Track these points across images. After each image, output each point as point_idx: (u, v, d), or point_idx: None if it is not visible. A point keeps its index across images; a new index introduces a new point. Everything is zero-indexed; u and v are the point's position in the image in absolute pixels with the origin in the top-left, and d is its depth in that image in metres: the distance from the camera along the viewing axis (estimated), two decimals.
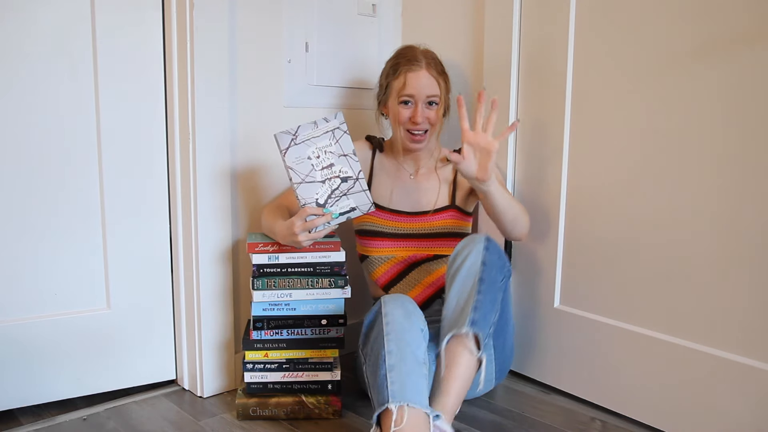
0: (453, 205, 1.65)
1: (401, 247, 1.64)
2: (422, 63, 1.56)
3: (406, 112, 1.57)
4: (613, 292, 1.51)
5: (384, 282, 1.65)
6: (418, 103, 1.56)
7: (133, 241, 1.56)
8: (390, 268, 1.64)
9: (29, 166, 1.43)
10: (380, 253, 1.65)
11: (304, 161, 1.36)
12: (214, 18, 1.51)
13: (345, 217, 1.39)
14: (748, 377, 1.28)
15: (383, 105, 1.65)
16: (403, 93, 1.56)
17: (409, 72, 1.56)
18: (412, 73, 1.56)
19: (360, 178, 1.39)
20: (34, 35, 1.39)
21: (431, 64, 1.58)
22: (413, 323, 1.30)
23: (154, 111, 1.56)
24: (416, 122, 1.56)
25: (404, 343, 1.26)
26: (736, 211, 1.28)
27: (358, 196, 1.39)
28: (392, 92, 1.59)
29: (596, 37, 1.49)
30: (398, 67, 1.58)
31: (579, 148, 1.55)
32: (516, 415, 1.52)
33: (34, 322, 1.47)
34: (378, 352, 1.26)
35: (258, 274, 1.46)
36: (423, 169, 1.68)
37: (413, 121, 1.56)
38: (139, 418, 1.49)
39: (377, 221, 1.64)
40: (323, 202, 1.37)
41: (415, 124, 1.57)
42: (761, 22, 1.21)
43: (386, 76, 1.62)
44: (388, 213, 1.64)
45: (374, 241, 1.64)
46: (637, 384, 1.46)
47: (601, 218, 1.51)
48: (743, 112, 1.25)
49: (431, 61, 1.58)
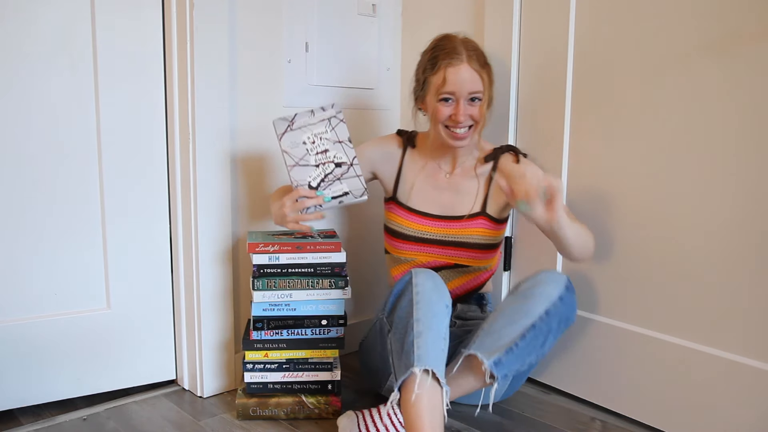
0: (484, 212, 1.53)
1: (424, 252, 1.55)
2: (463, 56, 1.42)
3: (446, 110, 1.44)
4: (612, 292, 1.51)
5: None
6: (459, 100, 1.43)
7: (133, 241, 1.56)
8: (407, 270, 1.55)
9: (29, 165, 1.43)
10: (401, 254, 1.58)
11: (299, 146, 1.38)
12: (214, 18, 1.51)
13: (338, 201, 1.39)
14: (748, 377, 1.28)
15: (420, 101, 1.53)
16: (443, 90, 1.43)
17: (449, 67, 1.42)
18: (452, 68, 1.42)
19: (354, 164, 1.39)
20: (35, 35, 1.39)
21: (473, 56, 1.44)
22: (441, 297, 1.31)
23: (154, 111, 1.56)
24: (458, 121, 1.43)
25: (431, 314, 1.27)
26: (740, 212, 1.28)
27: (351, 181, 1.39)
28: (430, 88, 1.46)
29: (596, 37, 1.49)
30: (437, 60, 1.44)
31: (580, 148, 1.55)
32: (516, 415, 1.53)
33: (34, 322, 1.47)
34: (407, 320, 1.27)
35: (258, 274, 1.46)
36: (460, 168, 1.56)
37: (455, 119, 1.44)
38: (139, 418, 1.49)
39: (401, 221, 1.56)
40: (316, 185, 1.39)
41: (457, 123, 1.44)
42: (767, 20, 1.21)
43: (423, 71, 1.49)
44: (414, 215, 1.55)
45: (397, 242, 1.57)
46: (637, 384, 1.47)
47: (600, 219, 1.51)
48: (749, 112, 1.25)
49: (472, 52, 1.44)
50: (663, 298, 1.41)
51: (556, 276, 1.39)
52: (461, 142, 1.47)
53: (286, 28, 1.68)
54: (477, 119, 1.46)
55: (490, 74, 1.48)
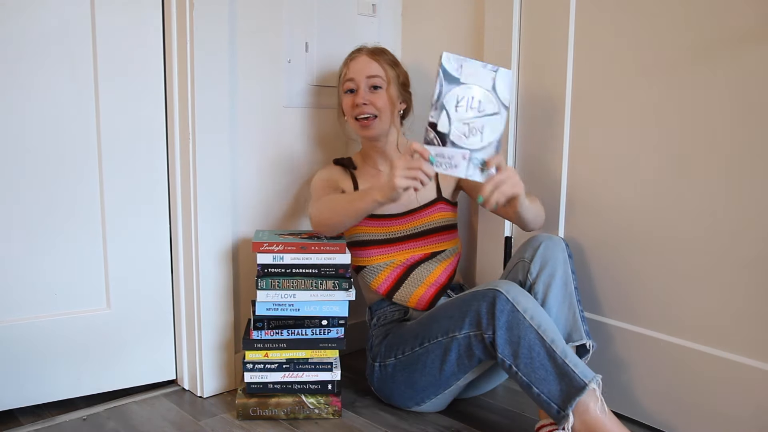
0: (440, 197, 1.62)
1: (398, 251, 1.59)
2: (363, 50, 1.57)
3: (349, 99, 1.56)
4: (612, 292, 1.51)
5: (386, 289, 1.59)
6: (359, 86, 1.54)
7: (133, 241, 1.56)
8: (389, 274, 1.59)
9: (29, 165, 1.42)
10: (377, 261, 1.59)
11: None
12: (214, 18, 1.51)
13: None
14: (748, 377, 1.28)
15: (341, 109, 1.63)
16: (344, 79, 1.56)
17: (350, 60, 1.57)
18: (352, 61, 1.57)
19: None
20: (35, 35, 1.39)
21: (376, 52, 1.57)
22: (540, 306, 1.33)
23: (154, 111, 1.56)
24: (357, 103, 1.53)
25: (554, 327, 1.29)
26: (740, 212, 1.28)
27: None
28: (339, 86, 1.60)
29: (596, 37, 1.49)
30: (343, 62, 1.60)
31: (580, 148, 1.55)
32: (516, 415, 1.53)
33: (34, 322, 1.47)
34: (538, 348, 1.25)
35: (262, 273, 1.46)
36: None
37: (355, 103, 1.53)
38: (139, 418, 1.49)
39: (368, 230, 1.58)
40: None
41: (357, 107, 1.53)
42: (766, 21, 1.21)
43: (339, 78, 1.62)
44: (377, 220, 1.58)
45: (369, 251, 1.59)
46: (637, 384, 1.47)
47: (600, 219, 1.52)
48: (750, 112, 1.26)
49: (376, 50, 1.58)
50: (663, 298, 1.42)
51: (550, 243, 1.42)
52: (367, 131, 1.55)
53: (286, 28, 1.68)
54: (380, 107, 1.53)
55: (397, 71, 1.58)
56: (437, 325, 1.40)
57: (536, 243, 1.42)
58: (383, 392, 1.53)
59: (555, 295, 1.39)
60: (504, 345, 1.28)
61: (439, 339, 1.39)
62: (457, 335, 1.35)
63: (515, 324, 1.27)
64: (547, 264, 1.40)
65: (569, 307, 1.39)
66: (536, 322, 1.27)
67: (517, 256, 1.47)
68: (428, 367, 1.42)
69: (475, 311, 1.32)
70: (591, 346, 1.39)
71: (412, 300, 1.56)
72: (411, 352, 1.44)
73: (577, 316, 1.39)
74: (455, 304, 1.39)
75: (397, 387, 1.49)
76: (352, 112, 1.56)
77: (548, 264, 1.40)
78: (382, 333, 1.56)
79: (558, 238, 1.44)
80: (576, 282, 1.42)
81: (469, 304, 1.34)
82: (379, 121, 1.55)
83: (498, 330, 1.28)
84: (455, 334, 1.35)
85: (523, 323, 1.27)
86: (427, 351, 1.41)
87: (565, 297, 1.39)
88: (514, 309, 1.28)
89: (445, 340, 1.37)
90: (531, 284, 1.41)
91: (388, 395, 1.52)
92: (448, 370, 1.40)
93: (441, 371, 1.40)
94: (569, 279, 1.40)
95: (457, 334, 1.35)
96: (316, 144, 1.80)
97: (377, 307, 1.63)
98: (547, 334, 1.26)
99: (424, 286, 1.57)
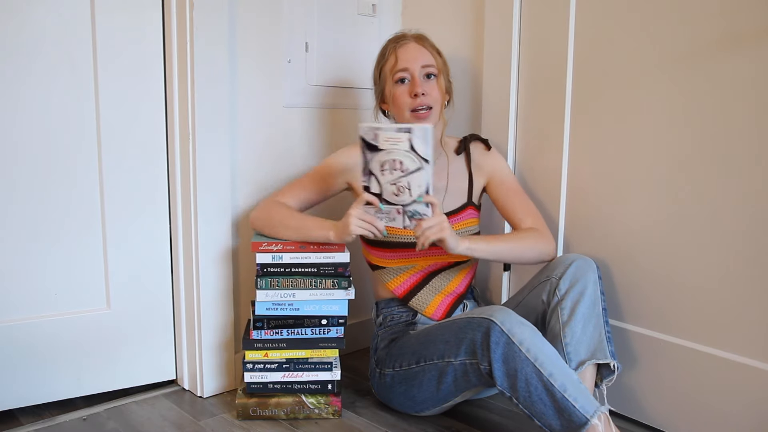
0: (470, 202, 1.55)
1: (422, 256, 1.50)
2: (409, 36, 1.48)
3: (404, 88, 1.45)
4: (612, 292, 1.51)
5: (403, 292, 1.53)
6: (414, 75, 1.44)
7: (133, 241, 1.56)
8: (408, 278, 1.53)
9: (29, 166, 1.42)
10: (399, 264, 1.52)
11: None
12: (214, 18, 1.51)
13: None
14: (748, 377, 1.28)
15: (381, 100, 1.54)
16: (396, 69, 1.45)
17: (399, 48, 1.46)
18: (401, 48, 1.46)
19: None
20: (35, 35, 1.39)
21: (422, 38, 1.49)
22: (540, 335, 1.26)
23: (154, 111, 1.56)
24: (416, 94, 1.42)
25: (553, 359, 1.22)
26: (740, 212, 1.28)
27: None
28: (386, 77, 1.47)
29: (596, 37, 1.49)
30: (385, 51, 1.49)
31: (580, 148, 1.55)
32: (516, 415, 1.52)
33: (34, 322, 1.47)
34: (536, 381, 1.20)
35: (261, 273, 1.46)
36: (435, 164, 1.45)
37: (413, 93, 1.43)
38: (139, 418, 1.49)
39: (398, 231, 1.47)
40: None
41: (416, 97, 1.43)
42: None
43: (377, 66, 1.52)
44: None
45: (392, 253, 1.51)
46: (638, 384, 1.47)
47: (600, 219, 1.51)
48: (750, 112, 1.25)
49: (422, 36, 1.49)
50: (663, 299, 1.41)
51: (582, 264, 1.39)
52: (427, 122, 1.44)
53: (286, 28, 1.69)
54: (435, 98, 1.46)
55: (444, 61, 1.51)
56: (434, 347, 1.37)
57: (568, 261, 1.40)
58: (382, 397, 1.53)
59: (582, 313, 1.35)
60: (502, 378, 1.24)
61: (435, 362, 1.36)
62: (453, 361, 1.32)
63: (511, 357, 1.22)
64: (578, 282, 1.37)
65: (595, 326, 1.36)
66: (533, 355, 1.21)
67: (544, 274, 1.44)
68: (425, 385, 1.40)
69: (471, 340, 1.28)
70: (616, 367, 1.35)
71: (429, 309, 1.53)
72: (408, 368, 1.42)
73: (603, 336, 1.36)
74: (451, 329, 1.34)
75: (395, 396, 1.48)
76: (411, 104, 1.44)
77: (578, 282, 1.37)
78: (388, 337, 1.53)
79: (590, 259, 1.40)
80: (605, 303, 1.39)
81: (464, 331, 1.30)
82: (433, 113, 1.46)
83: (494, 363, 1.24)
84: (451, 360, 1.33)
85: (519, 356, 1.21)
86: (424, 370, 1.39)
87: (591, 316, 1.36)
88: (509, 341, 1.22)
89: (442, 363, 1.35)
90: (558, 301, 1.37)
91: (387, 401, 1.52)
92: (445, 389, 1.38)
93: (438, 390, 1.39)
94: (598, 299, 1.37)
95: (453, 360, 1.32)
96: (316, 144, 1.80)
97: (385, 305, 1.58)
98: (544, 368, 1.20)
99: (442, 295, 1.53)
